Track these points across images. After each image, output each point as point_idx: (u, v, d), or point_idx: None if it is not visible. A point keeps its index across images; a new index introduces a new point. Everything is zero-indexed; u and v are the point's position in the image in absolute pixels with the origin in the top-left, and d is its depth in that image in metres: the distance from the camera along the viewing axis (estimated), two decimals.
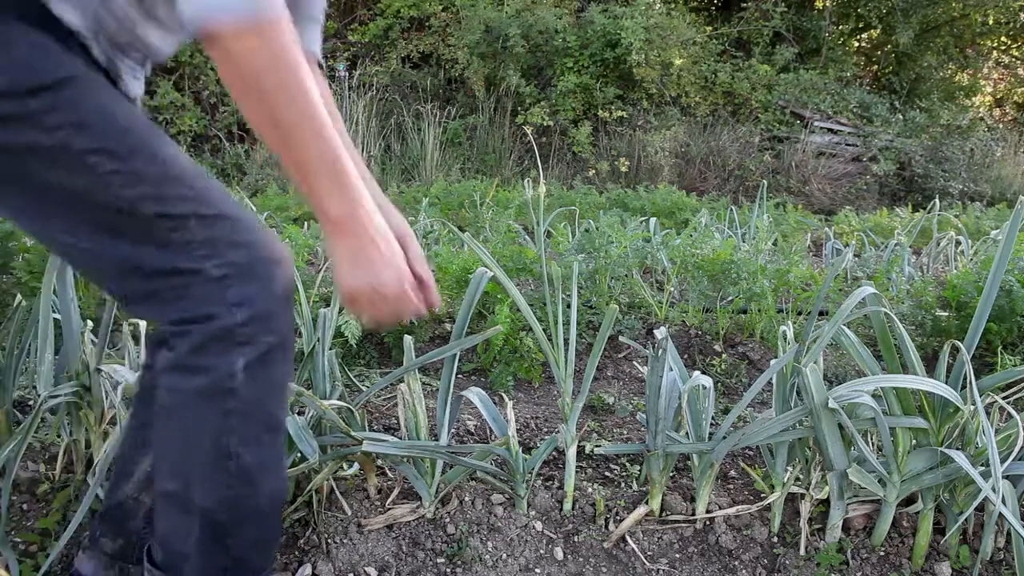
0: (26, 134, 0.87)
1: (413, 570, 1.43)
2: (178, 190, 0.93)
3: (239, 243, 0.95)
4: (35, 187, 0.91)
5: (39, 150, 0.88)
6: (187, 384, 0.96)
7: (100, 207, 0.91)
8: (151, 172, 0.91)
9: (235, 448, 0.98)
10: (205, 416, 0.97)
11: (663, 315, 2.96)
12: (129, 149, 0.91)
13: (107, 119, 0.91)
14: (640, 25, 7.93)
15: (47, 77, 0.87)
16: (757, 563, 1.50)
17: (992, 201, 7.58)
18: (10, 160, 0.89)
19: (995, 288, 1.47)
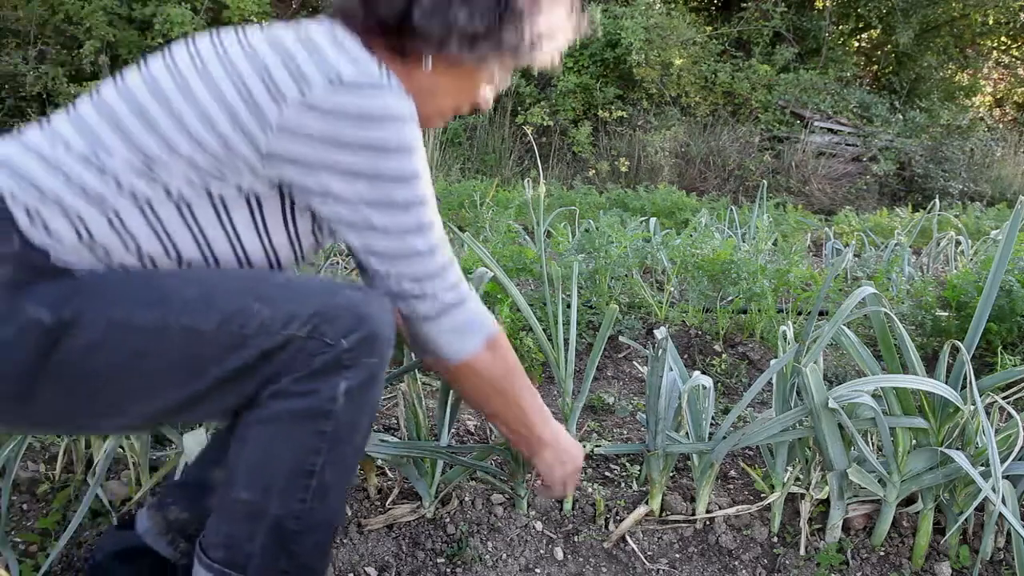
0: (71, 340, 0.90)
1: (413, 570, 1.43)
2: (221, 293, 0.95)
3: (306, 297, 0.96)
4: (98, 382, 0.93)
5: (92, 347, 0.90)
6: (286, 404, 0.98)
7: (171, 365, 0.93)
8: (190, 300, 0.93)
9: (320, 468, 1.01)
10: (297, 435, 0.99)
11: (663, 315, 2.96)
12: (159, 305, 0.93)
13: (125, 294, 0.93)
14: (640, 25, 7.94)
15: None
16: (757, 563, 1.50)
17: (992, 201, 7.58)
18: (74, 369, 0.91)
19: (995, 288, 1.47)
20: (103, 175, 0.93)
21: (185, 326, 0.92)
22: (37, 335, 0.88)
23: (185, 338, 0.92)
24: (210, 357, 0.93)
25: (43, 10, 7.60)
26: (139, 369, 0.93)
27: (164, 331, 0.91)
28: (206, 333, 0.92)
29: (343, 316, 0.97)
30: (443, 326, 1.07)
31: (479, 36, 1.02)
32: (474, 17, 1.00)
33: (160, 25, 7.60)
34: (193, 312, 0.92)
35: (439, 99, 1.11)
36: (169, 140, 0.94)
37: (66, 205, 0.92)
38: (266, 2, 8.51)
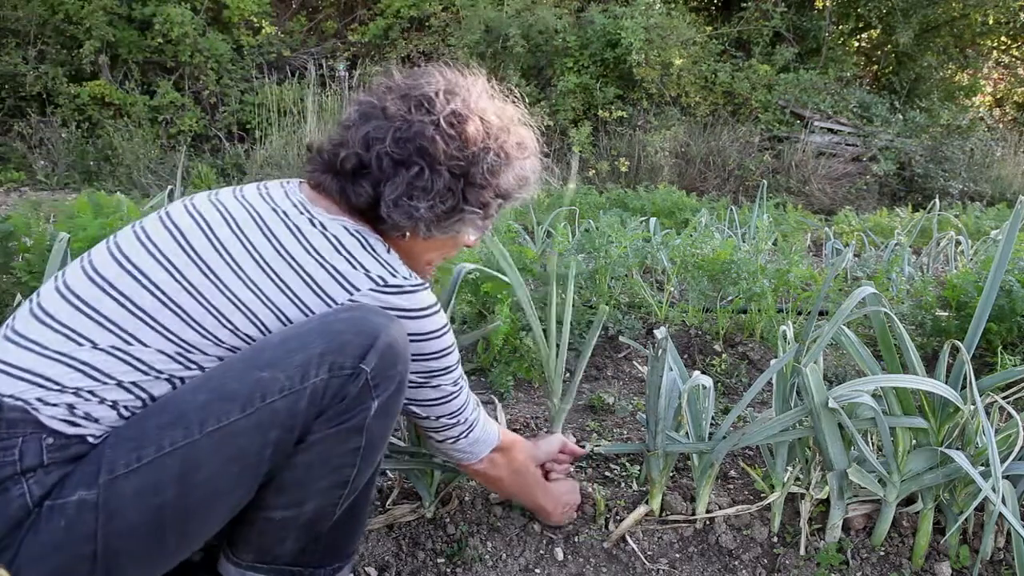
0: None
1: (413, 570, 1.43)
2: (228, 382, 0.97)
3: (307, 343, 0.99)
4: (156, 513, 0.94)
5: (141, 493, 0.92)
6: (321, 435, 1.01)
7: (220, 468, 0.95)
8: (204, 403, 0.95)
9: (353, 477, 1.08)
10: (334, 457, 1.03)
11: (663, 315, 2.96)
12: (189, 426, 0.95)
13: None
14: (640, 25, 7.93)
15: None
16: (757, 563, 1.50)
17: (992, 201, 7.57)
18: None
19: (995, 288, 1.47)
20: (135, 365, 0.97)
21: (212, 428, 0.93)
22: (89, 517, 0.89)
23: (218, 439, 0.94)
24: (249, 443, 0.96)
25: (43, 10, 7.59)
26: (194, 486, 0.93)
27: (195, 444, 0.93)
28: (233, 424, 0.94)
29: (352, 340, 0.99)
30: (460, 445, 1.27)
31: (442, 217, 1.13)
32: (435, 205, 1.10)
33: (160, 25, 7.60)
34: (212, 412, 0.94)
35: (424, 258, 1.23)
36: (211, 333, 1.00)
37: (104, 396, 0.95)
38: (266, 2, 8.50)
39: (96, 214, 2.52)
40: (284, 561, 1.12)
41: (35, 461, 0.90)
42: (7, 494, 0.88)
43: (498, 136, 1.15)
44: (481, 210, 1.15)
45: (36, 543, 0.88)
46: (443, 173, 1.10)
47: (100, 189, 5.66)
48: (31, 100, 7.52)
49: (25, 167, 7.08)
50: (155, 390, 0.98)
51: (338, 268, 1.05)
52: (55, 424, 0.92)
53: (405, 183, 1.08)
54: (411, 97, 1.11)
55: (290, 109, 7.38)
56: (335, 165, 1.11)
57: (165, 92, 7.63)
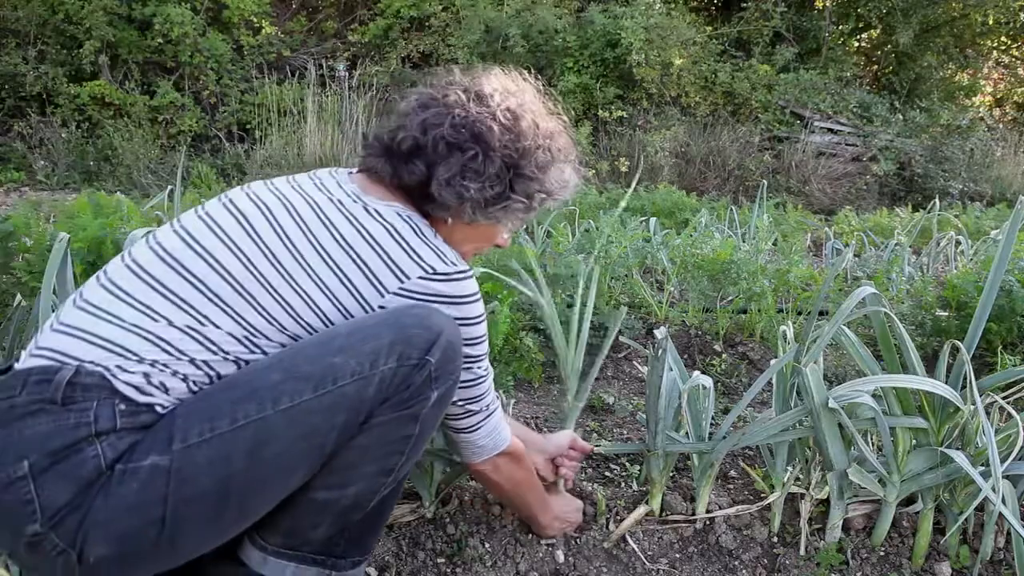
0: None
1: (413, 570, 1.43)
2: (301, 364, 1.00)
3: (378, 332, 1.04)
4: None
5: (212, 463, 0.96)
6: (382, 419, 1.05)
7: (289, 445, 0.99)
8: (277, 382, 0.99)
9: (400, 466, 1.12)
10: (387, 442, 1.07)
11: (663, 315, 2.96)
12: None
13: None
14: (640, 25, 7.93)
15: None
16: (757, 563, 1.50)
17: (992, 201, 7.57)
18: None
19: (995, 288, 1.47)
20: (207, 345, 1.02)
21: (286, 406, 0.97)
22: (161, 481, 0.92)
23: (290, 416, 0.97)
24: (319, 422, 1.00)
25: (43, 10, 7.59)
26: (263, 460, 0.97)
27: (268, 419, 0.96)
28: (306, 403, 0.98)
29: (419, 334, 1.05)
30: (476, 436, 1.28)
31: (489, 202, 1.17)
32: (484, 188, 1.15)
33: (160, 25, 7.60)
34: (285, 391, 0.98)
35: (459, 246, 1.24)
36: (276, 320, 1.05)
37: (177, 369, 1.00)
38: (266, 2, 8.50)
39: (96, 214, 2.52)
40: (310, 549, 1.14)
41: (109, 425, 0.94)
42: (81, 455, 0.91)
43: (548, 136, 1.22)
44: (526, 201, 1.20)
45: (107, 505, 0.91)
46: (496, 160, 1.15)
47: (100, 189, 5.67)
48: (31, 100, 7.52)
49: (25, 167, 7.08)
50: (222, 369, 1.03)
51: (391, 255, 1.10)
52: (129, 391, 0.97)
53: (460, 164, 1.14)
54: (470, 91, 1.19)
55: (290, 109, 7.38)
56: (391, 147, 1.17)
57: (165, 92, 7.63)
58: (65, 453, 0.91)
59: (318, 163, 6.71)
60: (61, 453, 0.91)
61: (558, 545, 1.51)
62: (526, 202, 1.20)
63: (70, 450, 0.92)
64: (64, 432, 0.92)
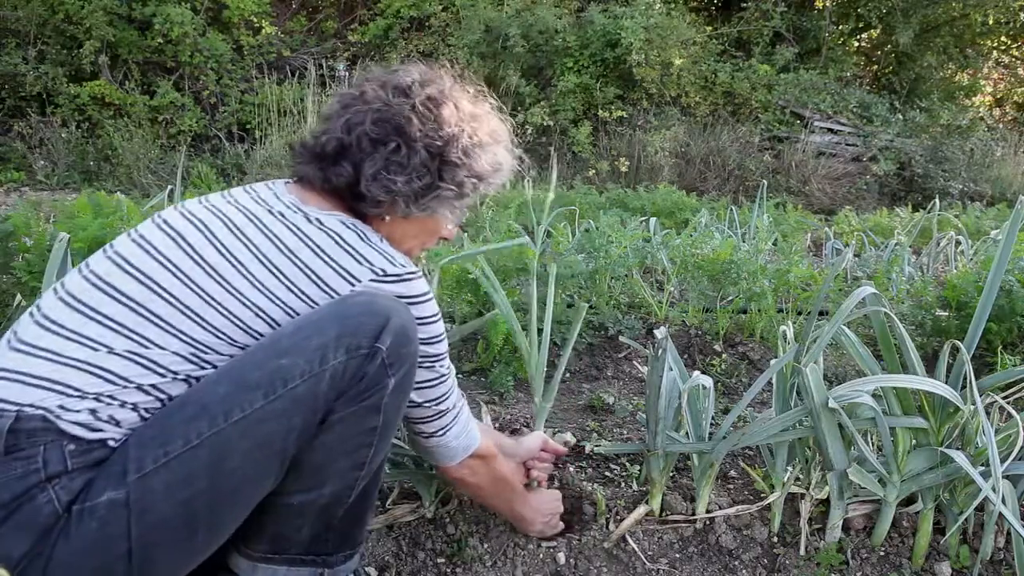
0: None
1: (413, 570, 1.43)
2: (248, 371, 0.99)
3: (322, 327, 1.02)
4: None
5: (171, 486, 0.95)
6: (341, 414, 1.04)
7: (248, 455, 0.98)
8: (225, 394, 0.97)
9: (370, 458, 1.11)
10: (352, 437, 1.06)
11: (663, 315, 2.96)
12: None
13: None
14: (640, 25, 7.93)
15: None
16: (757, 563, 1.50)
17: (992, 201, 7.57)
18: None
19: (995, 288, 1.47)
20: (152, 368, 0.99)
21: (237, 418, 0.95)
22: (121, 515, 0.90)
23: (244, 427, 0.96)
24: (275, 429, 0.98)
25: (43, 10, 7.59)
26: (223, 474, 0.96)
27: (221, 433, 0.94)
28: (258, 412, 0.96)
29: (365, 322, 1.03)
30: (445, 439, 1.26)
31: (419, 194, 1.16)
32: (412, 180, 1.14)
33: (160, 25, 7.60)
34: (236, 402, 0.96)
35: (403, 243, 1.23)
36: (224, 334, 1.02)
37: (125, 399, 0.97)
38: (266, 2, 8.50)
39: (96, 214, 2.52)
40: (297, 550, 1.14)
41: (59, 468, 0.91)
42: (34, 502, 0.89)
43: (472, 121, 1.20)
44: (456, 188, 1.19)
45: (69, 548, 0.89)
46: (419, 150, 1.14)
47: (100, 189, 5.67)
48: (31, 100, 7.52)
49: (25, 167, 7.08)
50: (172, 391, 1.00)
51: (340, 262, 1.08)
52: (76, 430, 0.93)
53: (383, 158, 1.13)
54: (388, 84, 1.18)
55: (290, 109, 7.38)
56: (317, 151, 1.17)
57: (165, 92, 7.63)
58: (17, 503, 0.89)
59: None
60: (12, 504, 0.89)
61: (560, 547, 1.51)
62: (455, 189, 1.19)
63: (21, 499, 0.89)
64: (12, 484, 0.89)
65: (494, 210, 4.55)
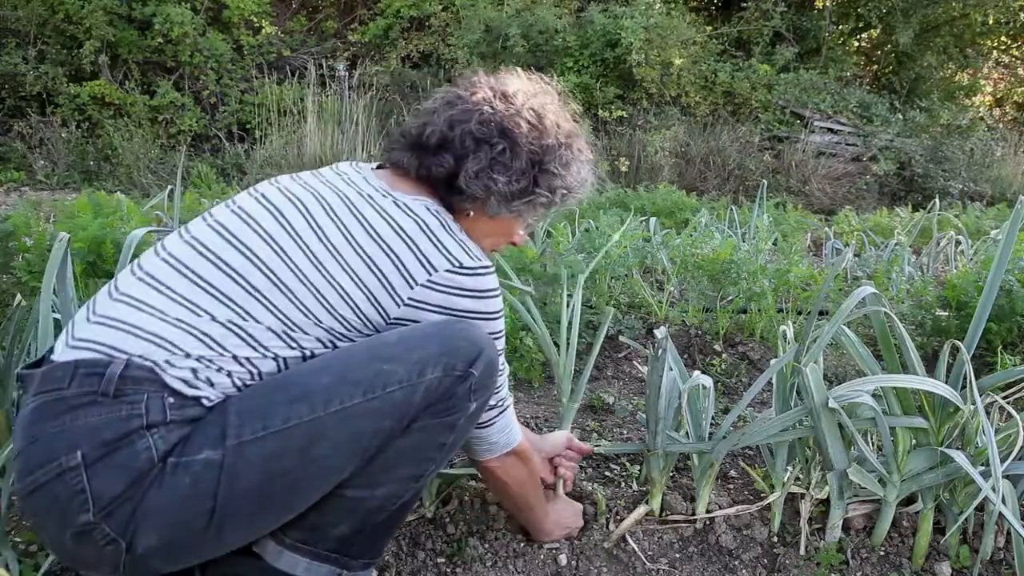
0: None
1: (413, 570, 1.43)
2: (352, 369, 1.04)
3: (425, 343, 1.08)
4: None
5: (266, 458, 0.99)
6: (422, 424, 1.09)
7: (337, 445, 1.02)
8: (329, 385, 1.02)
9: (428, 473, 1.16)
10: (423, 448, 1.11)
11: (663, 315, 2.96)
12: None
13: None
14: (640, 25, 7.93)
15: None
16: (757, 563, 1.50)
17: (992, 201, 7.57)
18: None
19: (995, 288, 1.47)
20: (248, 341, 1.04)
21: (336, 409, 1.00)
22: (213, 475, 0.95)
23: (340, 418, 1.01)
24: (367, 425, 1.03)
25: (43, 10, 7.59)
26: (311, 459, 1.00)
27: (319, 420, 0.99)
28: (356, 407, 1.01)
29: (464, 347, 1.09)
30: (490, 431, 1.27)
31: (515, 196, 1.21)
32: (511, 182, 1.19)
33: (160, 25, 7.60)
34: (336, 394, 1.01)
35: (479, 240, 1.25)
36: (312, 313, 1.07)
37: (222, 365, 1.02)
38: (266, 2, 8.50)
39: (96, 214, 2.52)
40: (326, 546, 1.15)
41: (159, 417, 0.96)
42: (133, 447, 0.94)
43: (569, 136, 1.26)
44: (549, 195, 1.23)
45: (160, 497, 0.93)
46: (522, 155, 1.19)
47: (100, 189, 5.67)
48: (31, 100, 7.52)
49: (25, 167, 7.08)
50: (263, 367, 1.05)
51: (421, 247, 1.12)
52: (177, 385, 0.99)
53: (488, 158, 1.18)
54: (496, 90, 1.23)
55: (290, 109, 7.38)
56: (418, 141, 1.20)
57: (165, 92, 7.63)
58: (117, 444, 0.93)
59: (318, 163, 6.71)
60: (113, 444, 0.93)
61: (562, 548, 1.51)
62: (549, 196, 1.24)
63: (122, 441, 0.93)
64: (116, 424, 0.94)
65: None
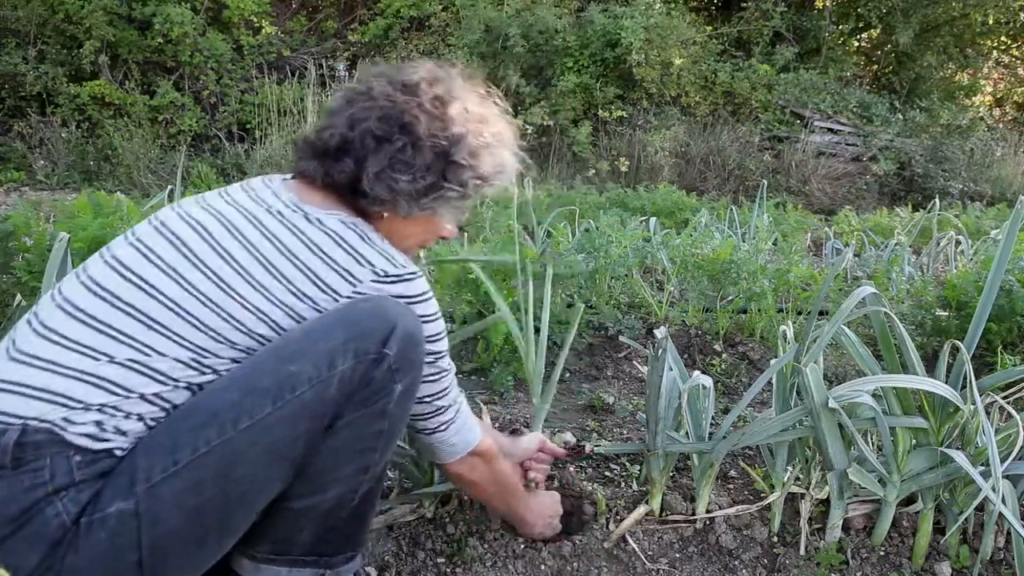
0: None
1: (413, 570, 1.43)
2: (256, 378, 0.99)
3: (330, 332, 1.03)
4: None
5: (181, 494, 0.95)
6: (348, 419, 1.04)
7: (256, 461, 0.98)
8: (236, 401, 0.97)
9: (375, 462, 1.11)
10: (358, 441, 1.07)
11: (663, 315, 2.96)
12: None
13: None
14: (640, 25, 7.93)
15: None
16: (757, 563, 1.50)
17: (992, 201, 7.57)
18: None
19: (995, 288, 1.47)
20: (154, 376, 0.98)
21: (246, 425, 0.95)
22: (131, 526, 0.91)
23: (253, 434, 0.96)
24: (284, 435, 0.99)
25: (43, 10, 7.59)
26: (233, 482, 0.96)
27: (230, 441, 0.95)
28: (266, 418, 0.97)
29: (373, 327, 1.03)
30: (445, 436, 1.25)
31: (422, 193, 1.13)
32: (416, 180, 1.11)
33: (160, 25, 7.60)
34: (244, 409, 0.96)
35: (403, 242, 1.20)
36: (225, 337, 1.01)
37: (129, 410, 0.96)
38: (266, 2, 8.50)
39: (96, 214, 2.52)
40: (300, 552, 1.14)
41: (66, 480, 0.91)
42: (42, 515, 0.89)
43: (479, 122, 1.18)
44: (460, 189, 1.16)
45: (79, 559, 0.89)
46: (425, 150, 1.12)
47: (100, 189, 5.67)
48: (31, 100, 7.52)
49: (25, 167, 7.08)
50: (177, 399, 0.99)
51: (340, 263, 1.07)
52: (82, 441, 0.93)
53: (388, 156, 1.10)
54: (396, 82, 1.15)
55: (290, 109, 7.38)
56: (319, 147, 1.14)
57: (165, 92, 7.63)
58: (26, 517, 0.89)
59: None
60: (22, 518, 0.89)
61: (562, 548, 1.51)
62: (459, 190, 1.16)
63: (30, 512, 0.89)
64: (20, 496, 0.89)
65: (494, 210, 4.55)
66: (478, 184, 1.18)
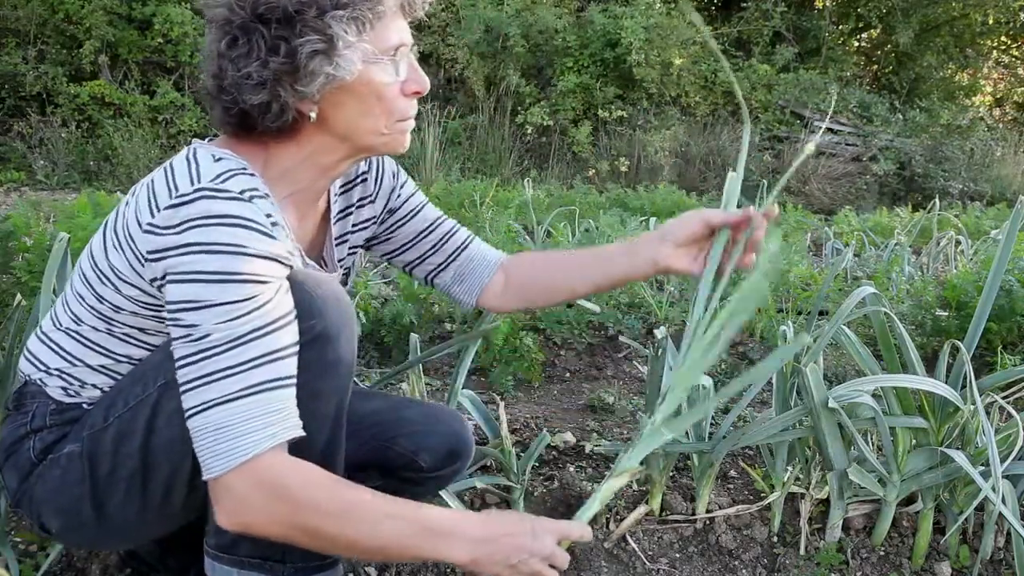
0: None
1: (413, 570, 1.43)
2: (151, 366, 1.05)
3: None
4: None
5: (119, 439, 1.04)
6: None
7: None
8: (156, 364, 1.03)
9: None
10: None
11: (663, 315, 2.96)
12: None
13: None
14: (640, 25, 7.94)
15: None
16: (757, 563, 1.50)
17: (992, 201, 7.57)
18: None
19: (995, 288, 1.47)
20: (92, 347, 1.07)
21: (162, 382, 1.01)
22: (77, 465, 1.04)
23: (170, 391, 0.99)
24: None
25: (43, 10, 7.59)
26: (154, 432, 1.02)
27: (149, 396, 1.02)
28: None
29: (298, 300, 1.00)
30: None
31: (287, 71, 0.94)
32: (267, 62, 0.93)
33: (160, 25, 7.60)
34: (163, 369, 1.00)
35: (362, 136, 1.03)
36: (106, 298, 1.03)
37: (82, 379, 1.08)
38: None
39: (96, 214, 2.52)
40: (247, 551, 1.04)
41: (40, 423, 1.09)
42: (22, 449, 1.08)
43: None
44: (318, 35, 0.93)
45: (42, 488, 1.06)
46: (250, 28, 0.93)
47: (100, 189, 5.66)
48: (31, 100, 7.52)
49: (25, 167, 7.08)
50: (124, 370, 1.08)
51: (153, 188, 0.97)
52: (57, 394, 1.09)
53: (230, 61, 0.94)
54: None
55: None
56: (207, 93, 1.01)
57: (165, 92, 7.63)
58: (14, 448, 1.09)
59: None
60: (11, 448, 1.09)
61: None
62: (320, 36, 0.93)
63: (16, 446, 1.09)
64: (14, 432, 1.09)
65: (494, 210, 4.55)
66: (337, 15, 0.93)
